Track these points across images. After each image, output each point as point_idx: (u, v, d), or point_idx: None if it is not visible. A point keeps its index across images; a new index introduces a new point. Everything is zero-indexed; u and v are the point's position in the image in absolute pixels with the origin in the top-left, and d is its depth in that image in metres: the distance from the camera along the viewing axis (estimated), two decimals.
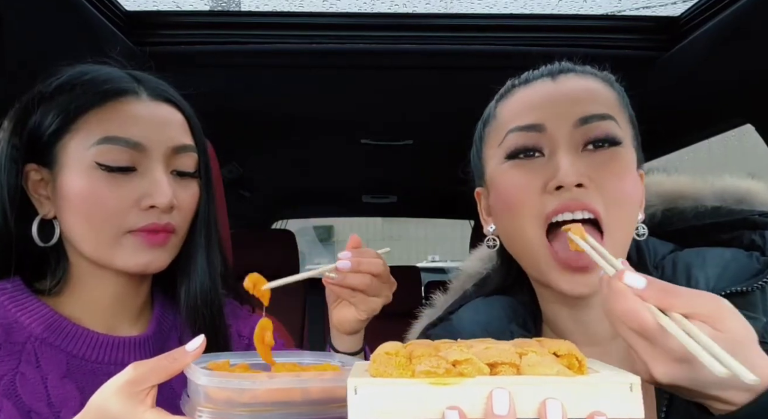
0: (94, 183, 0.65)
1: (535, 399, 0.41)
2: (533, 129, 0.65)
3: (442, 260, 10.42)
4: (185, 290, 0.76)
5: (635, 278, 0.47)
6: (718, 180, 0.75)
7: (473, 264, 0.87)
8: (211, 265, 0.77)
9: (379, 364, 0.44)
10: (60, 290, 0.70)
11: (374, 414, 0.41)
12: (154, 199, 0.67)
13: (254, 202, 2.86)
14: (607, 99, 0.66)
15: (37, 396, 0.63)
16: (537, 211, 0.64)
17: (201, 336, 0.52)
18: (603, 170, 0.62)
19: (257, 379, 0.49)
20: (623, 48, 1.17)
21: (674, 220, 0.74)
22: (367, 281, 0.71)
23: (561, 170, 0.61)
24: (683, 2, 1.18)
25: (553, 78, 0.68)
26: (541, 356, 0.44)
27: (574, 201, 0.61)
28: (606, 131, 0.63)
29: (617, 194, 0.62)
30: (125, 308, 0.74)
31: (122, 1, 1.14)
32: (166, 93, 0.73)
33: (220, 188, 1.01)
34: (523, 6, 1.26)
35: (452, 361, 0.43)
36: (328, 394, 0.51)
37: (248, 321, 0.87)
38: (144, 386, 0.48)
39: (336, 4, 1.26)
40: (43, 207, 0.68)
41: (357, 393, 0.41)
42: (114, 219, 0.66)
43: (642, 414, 0.41)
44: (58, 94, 0.67)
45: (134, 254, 0.67)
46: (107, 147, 0.65)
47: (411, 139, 1.91)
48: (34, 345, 0.65)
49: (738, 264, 0.64)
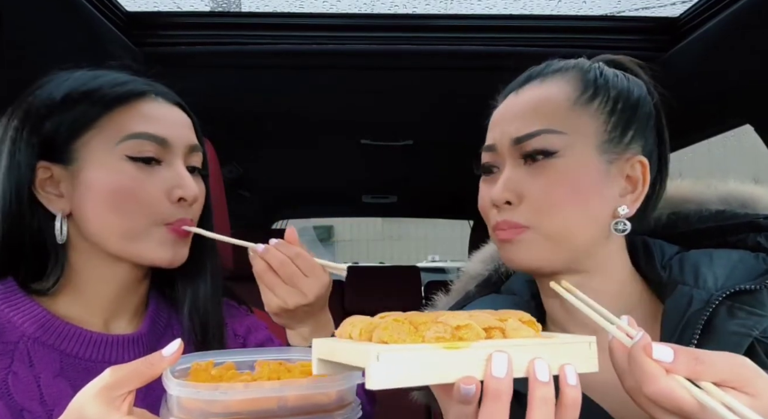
0: (124, 174, 0.67)
1: (524, 359, 0.44)
2: (489, 149, 0.70)
3: (442, 260, 10.43)
4: (192, 288, 0.78)
5: (663, 351, 0.45)
6: (721, 185, 0.75)
7: (475, 266, 0.87)
8: (216, 264, 0.80)
9: (392, 331, 0.45)
10: (57, 290, 0.70)
11: (393, 380, 0.41)
12: (184, 191, 0.70)
13: (254, 202, 2.86)
14: (551, 107, 0.66)
15: (30, 394, 0.64)
16: (491, 223, 0.69)
17: (178, 340, 0.52)
18: (534, 185, 0.64)
19: (231, 389, 0.48)
20: (622, 49, 1.17)
21: (679, 223, 0.74)
22: (279, 258, 0.71)
23: (495, 188, 0.66)
24: (683, 3, 1.19)
25: (517, 91, 0.70)
26: (516, 322, 0.49)
27: (502, 218, 0.66)
28: (535, 147, 0.65)
29: (549, 204, 0.64)
30: (123, 306, 0.75)
31: (122, 2, 1.15)
32: (175, 98, 0.76)
33: (220, 188, 1.02)
34: (523, 7, 1.26)
35: (454, 326, 0.45)
36: (307, 401, 0.51)
37: (244, 320, 0.88)
38: (120, 391, 0.48)
39: (336, 5, 1.26)
40: (54, 205, 0.69)
41: (379, 360, 0.41)
42: (147, 209, 0.68)
43: (596, 369, 0.47)
44: (76, 96, 0.68)
45: (161, 247, 0.70)
46: (136, 142, 0.68)
47: (411, 139, 1.91)
48: (26, 344, 0.66)
49: (745, 265, 0.65)
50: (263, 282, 0.73)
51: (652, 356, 0.44)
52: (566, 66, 0.71)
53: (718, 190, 0.75)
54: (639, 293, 0.70)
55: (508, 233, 0.66)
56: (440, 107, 1.60)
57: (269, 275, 0.73)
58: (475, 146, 0.73)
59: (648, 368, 0.44)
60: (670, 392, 0.43)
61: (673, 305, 0.65)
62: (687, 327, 0.62)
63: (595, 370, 0.47)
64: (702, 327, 0.60)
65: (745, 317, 0.60)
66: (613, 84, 0.68)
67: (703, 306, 0.62)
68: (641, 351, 0.45)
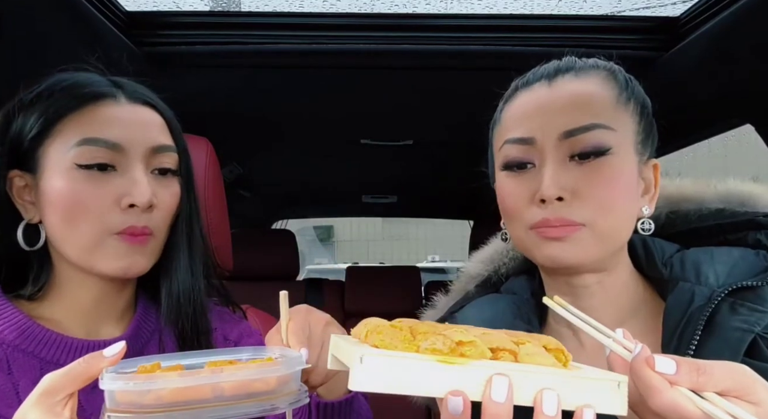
0: (74, 184, 0.66)
1: (532, 388, 0.41)
2: (524, 142, 0.67)
3: (442, 260, 10.43)
4: (167, 289, 0.75)
5: (666, 363, 0.44)
6: (720, 183, 0.75)
7: (475, 266, 0.87)
8: (194, 264, 0.77)
9: (384, 336, 0.43)
10: (43, 295, 0.70)
11: (376, 385, 0.40)
12: (134, 197, 0.67)
13: (254, 202, 2.86)
14: (600, 102, 0.65)
15: (8, 401, 0.63)
16: (526, 220, 0.66)
17: (122, 342, 0.51)
18: (589, 182, 0.63)
19: (162, 378, 0.47)
20: (623, 48, 1.17)
21: (678, 222, 0.75)
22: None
23: (543, 183, 0.63)
24: (683, 2, 1.18)
25: (550, 81, 0.68)
26: (536, 347, 0.45)
27: (554, 215, 0.64)
28: (591, 142, 0.63)
29: (604, 203, 0.63)
30: (107, 311, 0.74)
31: (122, 1, 1.14)
32: (145, 96, 0.74)
33: (220, 188, 1.01)
34: (523, 6, 1.26)
35: (456, 341, 0.43)
36: (244, 389, 0.49)
37: (237, 325, 0.87)
38: (59, 396, 0.47)
39: (336, 5, 1.26)
40: (27, 212, 0.69)
41: (362, 363, 0.40)
42: (95, 219, 0.66)
43: (625, 412, 0.43)
44: (38, 100, 0.68)
45: (115, 257, 0.67)
46: (86, 148, 0.66)
47: (411, 139, 1.91)
48: (6, 351, 0.65)
49: (747, 262, 0.65)
50: None
51: (655, 368, 0.44)
52: (596, 64, 0.70)
53: (718, 189, 0.75)
54: (642, 291, 0.71)
55: (559, 231, 0.63)
56: (440, 107, 1.60)
57: None
58: (475, 146, 0.73)
59: (652, 381, 0.44)
60: (676, 404, 0.43)
61: (674, 302, 0.65)
62: (689, 323, 0.62)
63: (624, 413, 0.43)
64: (704, 324, 0.60)
65: (747, 313, 0.60)
66: (638, 88, 0.70)
67: (706, 303, 0.62)
68: (644, 363, 0.44)
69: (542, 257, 0.66)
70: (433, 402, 0.70)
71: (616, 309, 0.69)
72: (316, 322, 0.65)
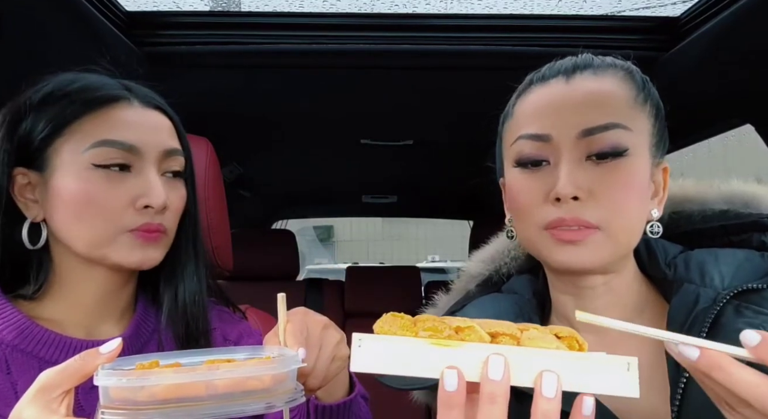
0: (91, 183, 0.67)
1: (532, 370, 0.42)
2: (539, 139, 0.65)
3: (442, 260, 10.43)
4: (171, 294, 0.76)
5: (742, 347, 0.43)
6: (724, 184, 0.75)
7: (475, 266, 0.87)
8: (199, 270, 0.78)
9: (384, 323, 0.46)
10: (43, 294, 0.70)
11: (374, 367, 0.44)
12: (150, 199, 0.68)
13: (254, 202, 2.86)
14: (618, 102, 0.64)
15: (6, 401, 0.63)
16: (539, 219, 0.65)
17: (118, 339, 0.51)
18: (605, 183, 0.62)
19: (156, 375, 0.47)
20: (623, 48, 1.16)
21: (681, 223, 0.74)
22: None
23: (559, 182, 0.62)
24: (683, 2, 1.19)
25: (568, 78, 0.67)
26: (542, 333, 0.45)
27: (569, 214, 0.62)
28: (609, 143, 0.62)
29: (619, 205, 0.62)
30: (108, 310, 0.74)
31: (122, 1, 1.14)
32: (155, 101, 0.75)
33: (220, 188, 1.01)
34: (523, 6, 1.26)
35: (455, 328, 0.45)
36: (238, 387, 0.49)
37: (237, 325, 0.87)
38: (56, 392, 0.47)
39: (336, 5, 1.26)
40: (29, 210, 0.69)
41: (360, 346, 0.44)
42: (111, 218, 0.67)
43: (637, 394, 0.42)
44: (50, 101, 0.68)
45: (130, 251, 0.69)
46: (103, 150, 0.67)
47: (411, 139, 1.91)
48: (4, 352, 0.65)
49: (752, 264, 0.65)
50: None
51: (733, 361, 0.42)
52: (614, 63, 0.69)
53: (721, 189, 0.74)
54: (645, 291, 0.70)
55: (575, 234, 0.62)
56: (440, 107, 1.60)
57: None
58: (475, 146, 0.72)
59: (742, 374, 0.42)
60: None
61: (679, 303, 0.64)
62: (694, 324, 0.62)
63: (636, 395, 0.42)
64: (709, 326, 0.60)
65: (752, 316, 0.59)
66: (654, 90, 0.69)
67: (711, 304, 0.62)
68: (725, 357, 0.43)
69: (554, 262, 0.65)
70: (433, 401, 0.70)
71: (621, 310, 0.68)
72: (314, 324, 0.65)
